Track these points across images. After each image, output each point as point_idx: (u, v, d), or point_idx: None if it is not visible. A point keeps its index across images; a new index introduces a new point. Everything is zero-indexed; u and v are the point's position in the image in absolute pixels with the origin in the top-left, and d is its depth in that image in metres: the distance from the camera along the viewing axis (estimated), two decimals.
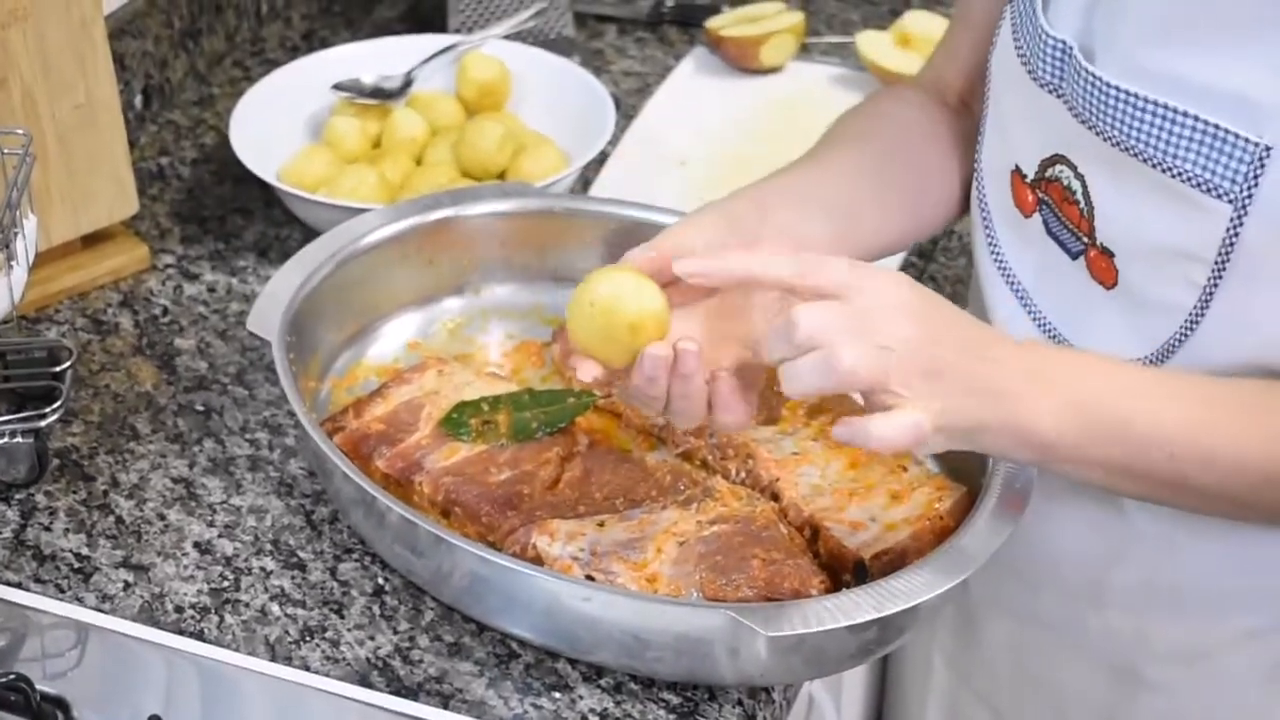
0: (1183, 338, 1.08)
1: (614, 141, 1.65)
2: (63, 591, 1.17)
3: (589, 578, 1.08)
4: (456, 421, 1.20)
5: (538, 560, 1.09)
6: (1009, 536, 1.09)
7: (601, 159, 1.63)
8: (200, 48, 1.76)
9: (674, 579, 1.08)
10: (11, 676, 1.06)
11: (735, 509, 1.13)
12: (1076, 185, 1.11)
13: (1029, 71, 1.13)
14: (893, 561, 1.11)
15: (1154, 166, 1.04)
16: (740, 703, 1.11)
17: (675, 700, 1.10)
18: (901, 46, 1.76)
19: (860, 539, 1.13)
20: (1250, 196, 1.01)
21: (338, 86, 1.62)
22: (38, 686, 1.07)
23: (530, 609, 1.08)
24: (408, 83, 1.64)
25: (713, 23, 1.82)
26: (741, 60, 1.79)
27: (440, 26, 1.81)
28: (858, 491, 1.17)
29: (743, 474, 1.19)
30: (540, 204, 1.36)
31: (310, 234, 1.42)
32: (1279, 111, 0.99)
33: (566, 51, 1.77)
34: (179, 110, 1.72)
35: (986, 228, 1.22)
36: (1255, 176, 1.00)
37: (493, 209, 1.35)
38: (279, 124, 1.58)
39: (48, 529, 1.21)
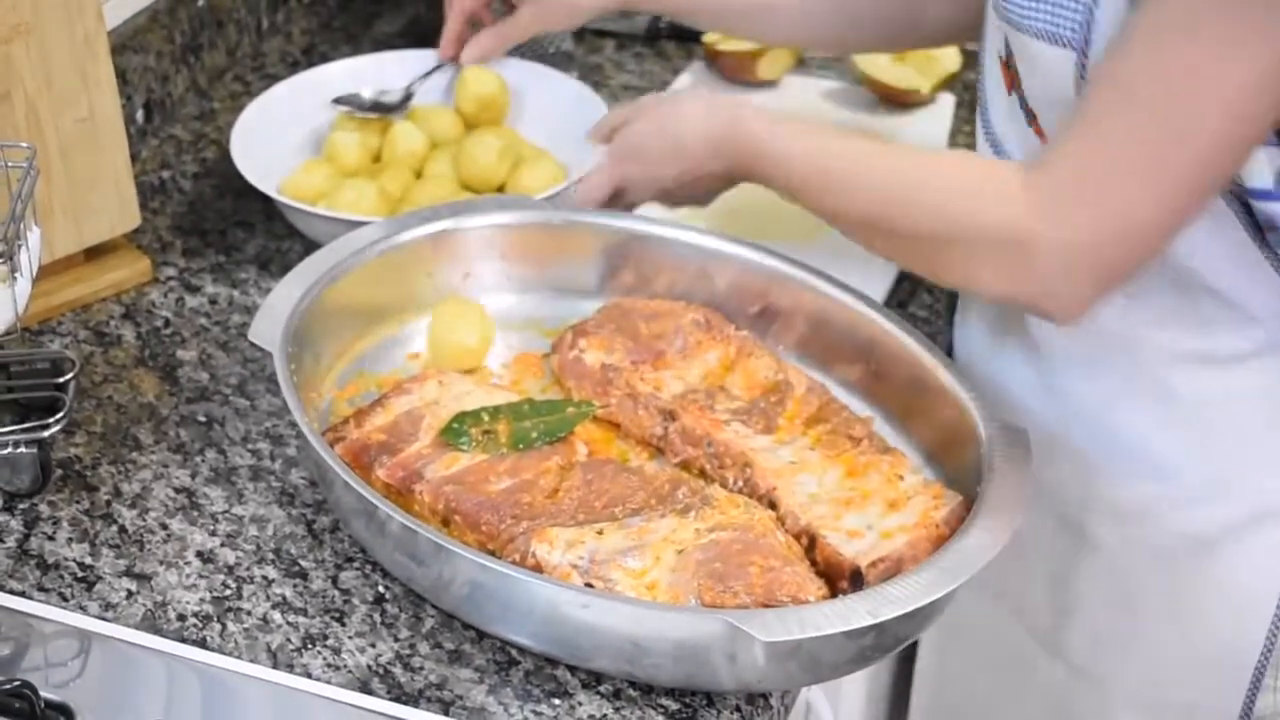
0: None
1: None
2: (66, 600, 1.17)
3: (588, 585, 1.09)
4: (457, 431, 1.21)
5: (537, 568, 1.10)
6: (1004, 545, 1.10)
7: None
8: (201, 63, 1.77)
9: (672, 586, 1.09)
10: (16, 684, 1.07)
11: (733, 517, 1.14)
12: (1014, 63, 1.27)
13: None
14: (889, 569, 1.12)
15: (1025, 32, 1.21)
16: (738, 708, 1.12)
17: (674, 706, 1.11)
18: (897, 61, 1.77)
19: (857, 547, 1.13)
20: (1088, 42, 1.17)
21: (338, 101, 1.63)
22: (42, 694, 1.07)
23: (530, 616, 1.09)
24: (407, 97, 1.65)
25: (710, 37, 1.83)
26: (738, 74, 1.81)
27: (439, 42, 1.82)
28: (854, 500, 1.18)
29: (740, 483, 1.20)
30: (539, 216, 1.37)
31: (311, 246, 1.43)
32: None
33: (565, 66, 1.78)
34: (180, 124, 1.73)
35: (983, 112, 1.33)
36: (1088, 25, 1.17)
37: (492, 221, 1.37)
38: (280, 138, 1.59)
39: (51, 538, 1.22)
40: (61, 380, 1.28)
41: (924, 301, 1.52)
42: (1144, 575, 1.38)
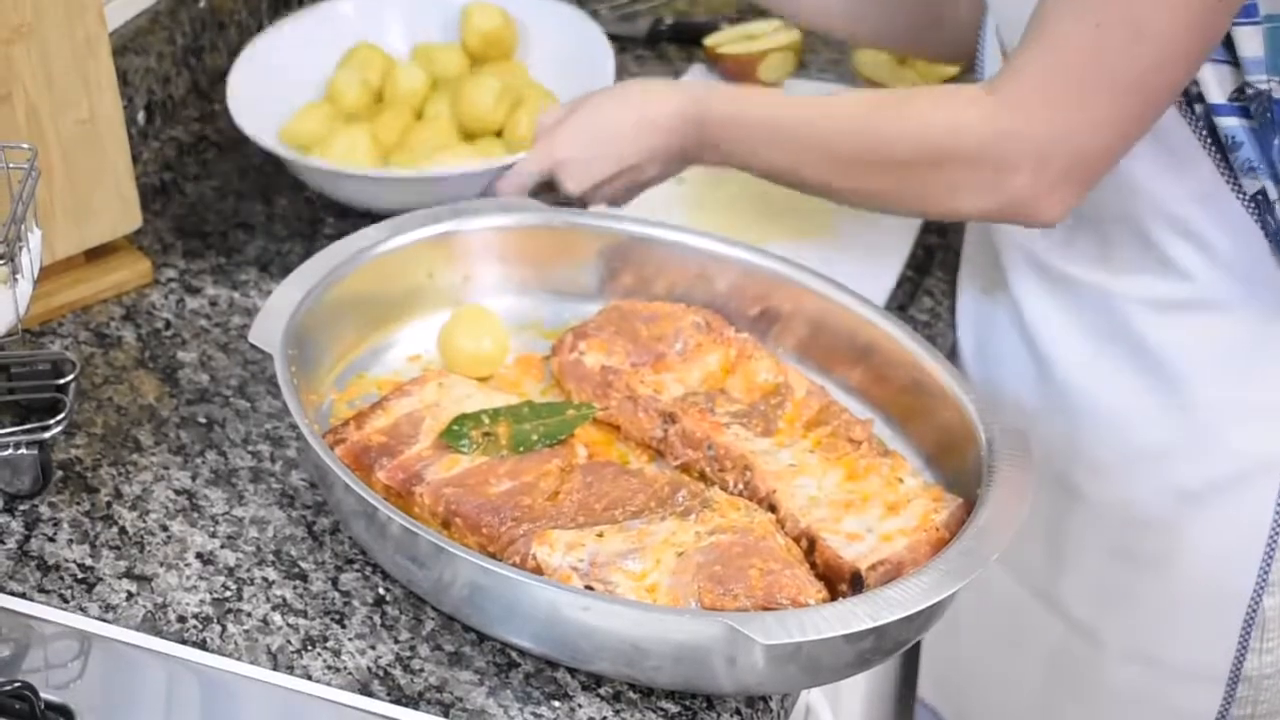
0: None
1: None
2: (66, 601, 1.18)
3: (588, 587, 1.09)
4: (457, 433, 1.21)
5: (538, 570, 1.10)
6: (1003, 548, 1.10)
7: None
8: (203, 64, 1.77)
9: (672, 589, 1.09)
10: (16, 685, 1.07)
11: (733, 520, 1.14)
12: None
13: None
14: (889, 572, 1.12)
15: None
16: (738, 711, 1.12)
17: (674, 709, 1.11)
18: (899, 63, 1.77)
19: (856, 550, 1.13)
20: None
21: None
22: (42, 695, 1.07)
23: (530, 618, 1.09)
24: None
25: (711, 40, 1.83)
26: (740, 77, 1.80)
27: None
28: (854, 503, 1.18)
29: (740, 485, 1.20)
30: (539, 218, 1.38)
31: (312, 249, 1.43)
32: None
33: None
34: (181, 126, 1.73)
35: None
36: None
37: (492, 223, 1.37)
38: (279, 86, 1.60)
39: (51, 540, 1.22)
40: (62, 382, 1.28)
41: (924, 305, 1.52)
42: (1132, 530, 1.41)
